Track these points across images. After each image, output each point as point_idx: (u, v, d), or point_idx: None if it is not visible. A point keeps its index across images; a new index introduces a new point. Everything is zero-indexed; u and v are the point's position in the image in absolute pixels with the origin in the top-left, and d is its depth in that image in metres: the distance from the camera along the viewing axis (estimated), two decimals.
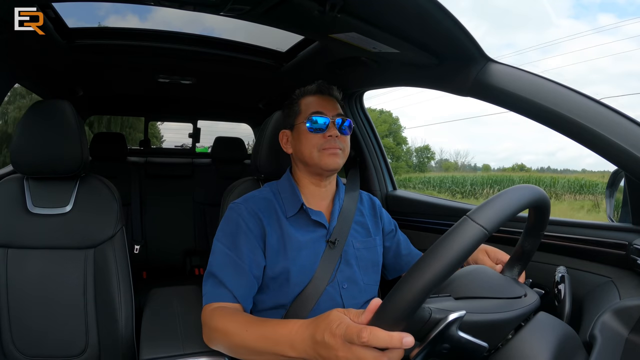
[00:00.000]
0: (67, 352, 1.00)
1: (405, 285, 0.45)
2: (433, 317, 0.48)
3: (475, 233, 0.45)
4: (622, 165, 0.71)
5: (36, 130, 0.99)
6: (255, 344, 0.65)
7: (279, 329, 0.63)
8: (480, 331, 0.51)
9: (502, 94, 0.82)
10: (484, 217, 0.46)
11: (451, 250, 0.44)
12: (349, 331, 0.49)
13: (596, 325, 0.64)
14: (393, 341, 0.46)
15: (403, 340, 0.46)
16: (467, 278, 0.60)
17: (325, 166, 0.89)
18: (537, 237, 0.64)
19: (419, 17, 0.76)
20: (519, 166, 20.04)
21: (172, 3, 0.80)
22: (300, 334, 0.58)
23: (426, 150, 19.15)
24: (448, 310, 0.49)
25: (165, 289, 1.10)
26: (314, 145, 0.89)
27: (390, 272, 1.05)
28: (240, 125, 2.84)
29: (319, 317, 0.56)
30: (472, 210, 0.47)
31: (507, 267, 0.69)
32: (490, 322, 0.53)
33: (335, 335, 0.51)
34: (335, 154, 0.89)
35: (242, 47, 1.38)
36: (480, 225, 0.45)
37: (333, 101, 0.94)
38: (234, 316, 0.73)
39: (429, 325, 0.48)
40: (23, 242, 1.00)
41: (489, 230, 0.46)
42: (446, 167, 19.92)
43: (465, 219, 0.46)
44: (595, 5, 27.05)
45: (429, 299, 0.52)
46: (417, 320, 0.48)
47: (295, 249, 0.86)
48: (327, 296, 0.85)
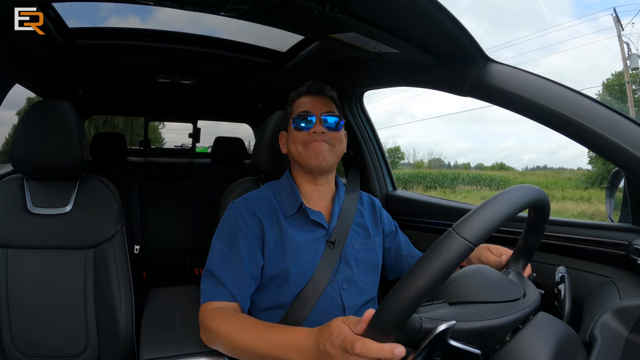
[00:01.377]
0: (67, 352, 1.00)
1: (393, 299, 0.46)
2: (424, 327, 0.49)
3: (460, 247, 0.45)
4: (622, 165, 0.71)
5: (36, 131, 0.99)
6: (261, 349, 0.66)
7: (286, 336, 0.65)
8: (473, 338, 0.51)
9: (502, 94, 0.82)
10: (469, 231, 0.46)
11: (436, 266, 0.45)
12: (345, 342, 0.51)
13: (596, 325, 0.64)
14: (384, 352, 0.48)
15: (395, 352, 0.48)
16: (465, 281, 0.60)
17: (309, 163, 0.89)
18: (540, 230, 0.64)
19: (419, 17, 0.76)
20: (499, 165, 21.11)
21: (172, 3, 0.80)
22: (308, 342, 0.60)
23: (397, 151, 20.95)
24: (439, 319, 0.49)
25: (165, 289, 1.10)
26: (299, 142, 0.90)
27: (391, 273, 1.05)
28: (241, 125, 2.84)
29: (322, 327, 0.58)
30: (457, 222, 0.47)
31: (511, 260, 0.69)
32: (482, 329, 0.53)
33: (335, 346, 0.53)
34: (319, 148, 0.88)
35: (243, 47, 1.38)
36: (465, 239, 0.46)
37: (324, 99, 0.94)
38: (235, 319, 0.73)
39: (420, 335, 0.49)
40: (23, 242, 1.00)
41: (474, 243, 0.46)
42: (418, 166, 21.73)
43: (450, 232, 0.47)
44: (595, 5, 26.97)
45: (422, 307, 0.53)
46: (408, 330, 0.49)
47: (294, 248, 0.86)
48: (326, 296, 0.85)
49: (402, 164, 20.99)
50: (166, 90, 1.95)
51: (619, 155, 0.68)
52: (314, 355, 0.58)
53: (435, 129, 39.08)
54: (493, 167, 18.84)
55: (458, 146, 38.38)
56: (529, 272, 0.71)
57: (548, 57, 26.74)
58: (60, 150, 1.00)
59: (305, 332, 0.62)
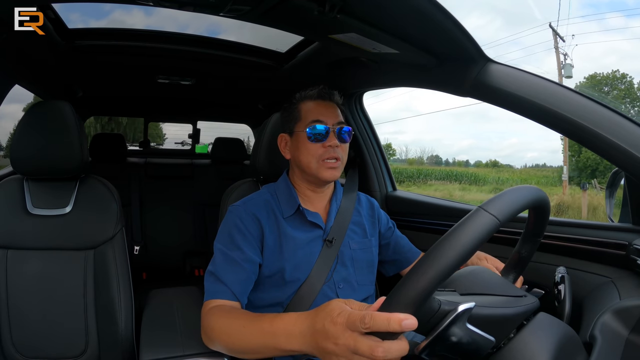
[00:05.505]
0: (67, 354, 1.00)
1: (418, 272, 0.44)
2: (442, 309, 0.48)
3: (488, 222, 0.46)
4: (622, 166, 0.71)
5: (36, 132, 0.98)
6: (254, 340, 0.65)
7: (276, 322, 0.63)
8: (488, 325, 0.51)
9: (502, 94, 0.82)
10: (496, 208, 0.48)
11: (465, 237, 0.45)
12: (352, 318, 0.48)
13: (596, 325, 0.64)
14: (391, 323, 0.43)
15: (402, 323, 0.42)
16: (470, 276, 0.60)
17: (322, 178, 0.89)
18: (534, 244, 0.65)
19: (418, 17, 0.76)
20: (492, 162, 21.97)
21: (171, 4, 0.80)
22: (299, 325, 0.58)
23: (388, 148, 21.76)
24: (457, 302, 0.48)
25: (165, 290, 1.10)
26: (313, 156, 0.89)
27: (390, 269, 1.06)
28: (241, 124, 2.83)
29: (318, 308, 0.56)
30: (485, 202, 0.49)
31: (503, 273, 0.69)
32: (498, 316, 0.53)
33: (336, 323, 0.50)
34: (334, 167, 0.89)
35: (242, 47, 1.38)
36: (492, 215, 0.47)
37: (333, 107, 0.93)
38: (232, 314, 0.74)
39: (437, 317, 0.48)
40: (23, 243, 1.00)
41: (501, 220, 0.47)
42: (410, 162, 23.14)
43: (478, 209, 0.48)
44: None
45: (435, 293, 0.50)
46: (427, 311, 0.47)
47: (291, 248, 0.87)
48: (323, 295, 0.87)
49: (393, 159, 22.19)
50: (166, 91, 1.95)
51: (619, 155, 0.68)
52: (307, 336, 0.55)
53: (439, 126, 39.18)
54: (487, 165, 19.54)
55: (461, 144, 38.41)
56: (521, 284, 0.73)
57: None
58: (60, 151, 1.00)
59: (294, 317, 0.60)
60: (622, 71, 18.96)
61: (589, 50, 30.99)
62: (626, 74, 18.15)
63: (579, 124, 0.71)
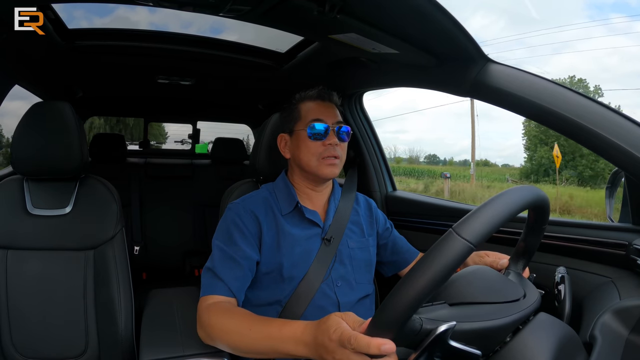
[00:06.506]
0: (67, 354, 1.00)
1: (394, 299, 0.46)
2: (424, 328, 0.49)
3: (461, 247, 0.45)
4: (622, 166, 0.71)
5: (36, 132, 0.98)
6: (260, 343, 0.67)
7: (284, 329, 0.66)
8: (473, 339, 0.51)
9: (502, 94, 0.82)
10: (469, 231, 0.46)
11: (436, 266, 0.45)
12: (342, 337, 0.53)
13: (596, 325, 0.64)
14: (371, 347, 0.48)
15: (381, 348, 0.48)
16: (465, 281, 0.60)
17: (322, 175, 0.91)
18: (540, 231, 0.64)
19: (418, 17, 0.76)
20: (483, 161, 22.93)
21: (171, 4, 0.80)
22: (306, 335, 0.61)
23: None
24: (439, 320, 0.49)
25: (165, 290, 1.10)
26: (313, 154, 0.90)
27: (389, 269, 1.06)
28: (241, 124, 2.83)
29: (320, 321, 0.60)
30: (457, 223, 0.47)
31: (511, 261, 0.69)
32: (483, 330, 0.53)
33: (332, 340, 0.55)
34: (334, 164, 0.91)
35: (242, 47, 1.38)
36: (465, 239, 0.45)
37: (332, 107, 0.95)
38: (234, 314, 0.74)
39: (420, 336, 0.49)
40: (23, 243, 1.00)
41: (475, 244, 0.45)
42: (398, 161, 24.36)
43: (450, 232, 0.46)
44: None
45: (422, 308, 0.53)
46: (409, 331, 0.49)
47: (289, 244, 0.88)
48: (321, 293, 0.87)
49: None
50: (166, 91, 1.95)
51: (618, 155, 0.68)
52: (311, 346, 0.60)
53: (442, 125, 39.19)
54: (478, 164, 20.26)
55: (463, 143, 38.45)
56: (528, 274, 0.72)
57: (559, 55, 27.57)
58: (60, 151, 1.00)
59: (302, 325, 0.64)
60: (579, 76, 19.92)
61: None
62: (583, 79, 19.19)
63: (578, 124, 0.71)
